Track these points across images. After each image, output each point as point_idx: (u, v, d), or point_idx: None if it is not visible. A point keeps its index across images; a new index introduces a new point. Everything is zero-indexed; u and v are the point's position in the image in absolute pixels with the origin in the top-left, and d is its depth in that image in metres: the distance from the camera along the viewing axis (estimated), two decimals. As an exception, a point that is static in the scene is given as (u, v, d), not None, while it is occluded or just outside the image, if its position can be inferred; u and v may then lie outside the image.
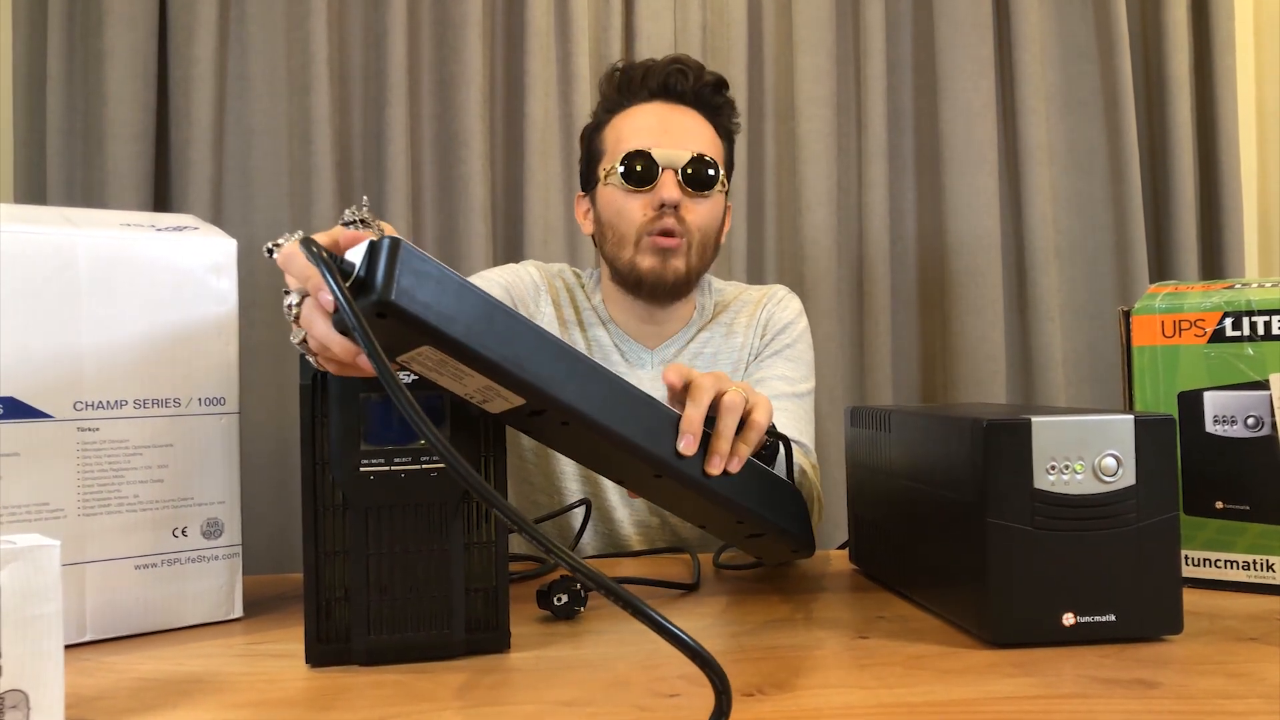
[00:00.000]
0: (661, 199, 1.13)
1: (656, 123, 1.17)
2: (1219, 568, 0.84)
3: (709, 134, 1.20)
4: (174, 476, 0.78)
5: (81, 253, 0.75)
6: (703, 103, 1.20)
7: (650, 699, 0.58)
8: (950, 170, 1.92)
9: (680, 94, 1.18)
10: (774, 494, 0.78)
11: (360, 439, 0.67)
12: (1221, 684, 0.58)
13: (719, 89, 1.21)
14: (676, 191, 1.14)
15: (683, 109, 1.18)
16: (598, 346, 1.25)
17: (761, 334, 1.27)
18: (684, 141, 1.16)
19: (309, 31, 1.76)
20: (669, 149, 1.15)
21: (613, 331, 1.26)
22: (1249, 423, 0.82)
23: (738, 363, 1.26)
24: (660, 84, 1.18)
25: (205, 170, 1.74)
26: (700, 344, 1.26)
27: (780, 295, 1.32)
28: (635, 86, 1.20)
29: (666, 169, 1.14)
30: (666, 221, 1.14)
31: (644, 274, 1.17)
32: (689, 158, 1.15)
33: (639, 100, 1.19)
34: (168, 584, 0.78)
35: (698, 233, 1.17)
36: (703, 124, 1.19)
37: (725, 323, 1.28)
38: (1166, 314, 0.86)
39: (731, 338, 1.27)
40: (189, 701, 0.60)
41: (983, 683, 0.59)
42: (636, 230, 1.16)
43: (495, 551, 0.69)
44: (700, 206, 1.17)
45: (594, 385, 0.64)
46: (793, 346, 1.27)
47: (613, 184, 1.17)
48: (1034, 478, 0.66)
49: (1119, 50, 1.93)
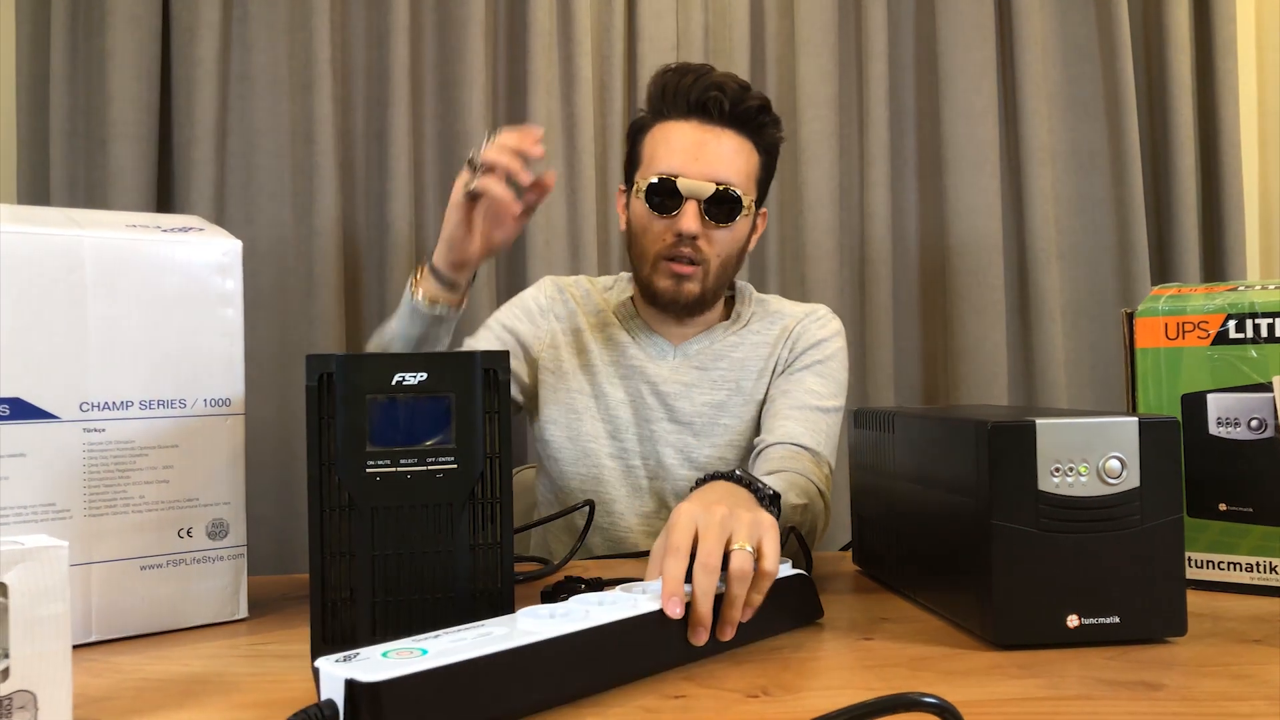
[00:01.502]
0: (680, 229, 1.15)
1: (689, 145, 1.16)
2: (1222, 569, 0.84)
3: (743, 156, 1.18)
4: (179, 477, 0.78)
5: (87, 254, 0.75)
6: (742, 124, 1.18)
7: (657, 700, 0.58)
8: (952, 171, 1.92)
9: (716, 116, 1.17)
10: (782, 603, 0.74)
11: (366, 440, 0.67)
12: (1225, 686, 0.58)
13: (761, 111, 1.19)
14: (696, 224, 1.15)
15: (719, 130, 1.17)
16: (613, 346, 1.27)
17: (792, 347, 1.27)
18: (712, 169, 1.15)
19: (311, 32, 1.76)
20: (694, 179, 1.15)
21: (636, 327, 1.28)
22: (1252, 425, 0.83)
23: (762, 371, 1.26)
24: (697, 102, 1.17)
25: (208, 170, 1.74)
26: (727, 346, 1.27)
27: (821, 314, 1.31)
28: (675, 99, 1.18)
29: (690, 199, 1.15)
30: (684, 250, 1.16)
31: (659, 293, 1.20)
32: (713, 191, 1.15)
33: (678, 113, 1.18)
34: (173, 584, 0.78)
35: (716, 259, 1.19)
36: (738, 145, 1.18)
37: (758, 331, 1.28)
38: (1170, 316, 0.86)
39: (760, 347, 1.27)
40: (195, 702, 0.60)
41: (987, 684, 0.60)
42: (656, 252, 1.18)
43: (501, 552, 0.69)
44: (721, 234, 1.18)
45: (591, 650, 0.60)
46: (824, 363, 1.26)
47: (640, 200, 1.18)
48: (1038, 479, 0.66)
49: (1121, 52, 1.93)
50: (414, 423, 0.68)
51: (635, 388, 1.25)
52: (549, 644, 0.57)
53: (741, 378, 1.25)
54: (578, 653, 0.59)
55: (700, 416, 1.23)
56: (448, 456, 0.68)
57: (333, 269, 1.76)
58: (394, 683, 0.50)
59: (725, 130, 1.17)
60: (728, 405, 1.24)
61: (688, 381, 1.24)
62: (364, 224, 1.84)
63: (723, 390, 1.24)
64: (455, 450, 0.68)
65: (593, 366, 1.26)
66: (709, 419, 1.23)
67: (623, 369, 1.26)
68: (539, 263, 1.82)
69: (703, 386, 1.24)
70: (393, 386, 0.67)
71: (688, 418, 1.23)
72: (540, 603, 0.79)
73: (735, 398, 1.24)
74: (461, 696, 0.53)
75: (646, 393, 1.24)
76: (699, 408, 1.23)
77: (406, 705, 0.50)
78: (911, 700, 0.49)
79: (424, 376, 0.68)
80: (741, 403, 1.24)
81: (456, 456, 0.68)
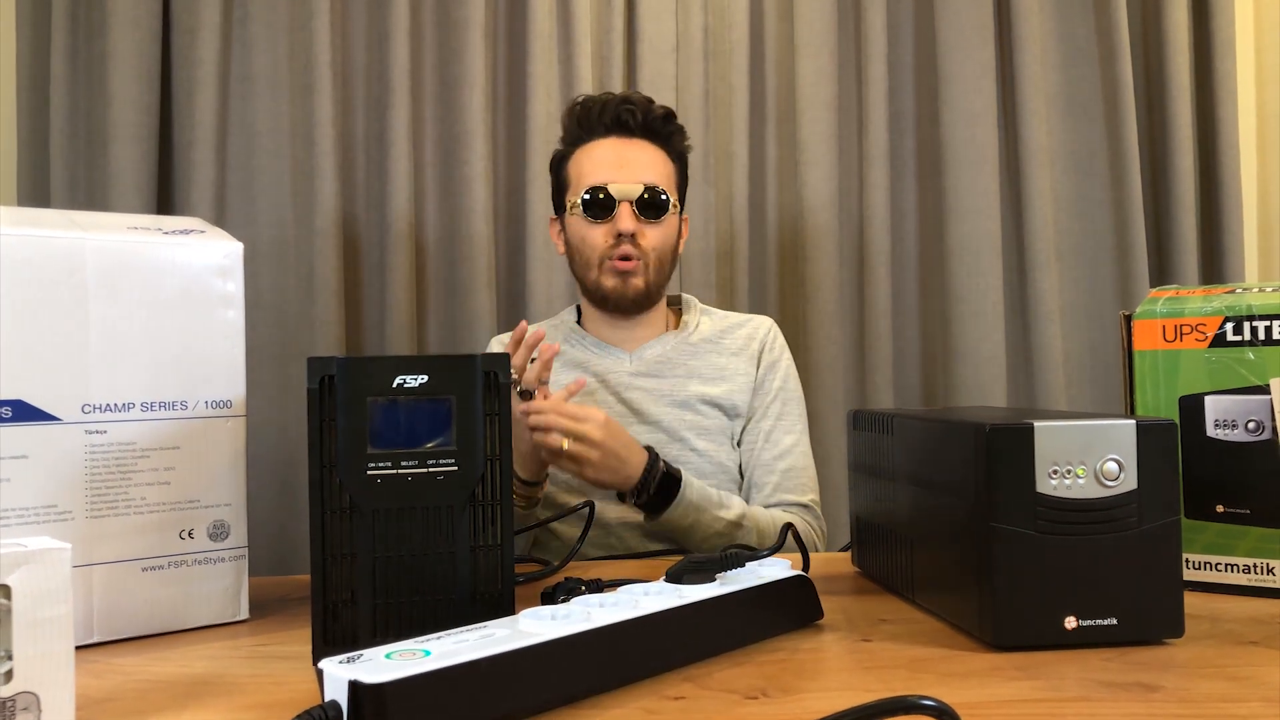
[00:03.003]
0: (619, 230, 1.27)
1: (613, 157, 1.30)
2: (1220, 571, 0.84)
3: (661, 161, 1.33)
4: (181, 479, 0.78)
5: (89, 256, 0.75)
6: (653, 133, 1.33)
7: (656, 702, 0.58)
8: (951, 173, 1.93)
9: (632, 128, 1.31)
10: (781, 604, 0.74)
11: (367, 442, 0.67)
12: (1223, 687, 0.59)
13: (668, 120, 1.34)
14: (632, 222, 1.28)
15: (636, 142, 1.32)
16: (571, 367, 1.34)
17: (758, 363, 1.37)
18: (637, 174, 1.29)
19: (312, 33, 1.76)
20: (624, 183, 1.28)
21: (588, 343, 1.36)
22: (1250, 427, 0.83)
23: (743, 387, 1.34)
24: (613, 119, 1.31)
25: (208, 172, 1.74)
26: (681, 355, 1.35)
27: (777, 331, 1.42)
28: (592, 122, 1.33)
29: (623, 201, 1.28)
30: (624, 248, 1.28)
31: (608, 292, 1.31)
32: (641, 190, 1.28)
33: (596, 135, 1.33)
34: (174, 586, 0.78)
35: (653, 253, 1.31)
36: (655, 153, 1.33)
37: (711, 339, 1.37)
38: (1168, 319, 0.87)
39: (719, 357, 1.35)
40: (197, 703, 0.60)
41: (985, 686, 0.60)
42: (599, 255, 1.30)
43: (501, 554, 0.69)
44: (654, 230, 1.31)
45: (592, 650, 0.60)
46: (789, 399, 1.37)
47: (577, 215, 1.31)
48: (1036, 482, 0.66)
49: (1119, 53, 1.93)
50: (415, 425, 0.68)
51: (600, 400, 1.31)
52: (551, 645, 0.58)
53: (705, 379, 1.33)
54: (579, 654, 0.59)
55: (666, 416, 1.30)
56: (448, 459, 0.68)
57: (333, 270, 1.76)
58: (398, 684, 0.51)
59: (641, 141, 1.32)
60: (690, 403, 1.31)
61: (649, 387, 1.32)
62: (364, 225, 1.85)
63: (685, 390, 1.31)
64: (456, 452, 0.68)
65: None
66: (674, 417, 1.30)
67: (583, 388, 1.30)
68: (538, 263, 1.83)
69: (663, 389, 1.31)
70: (394, 389, 0.68)
71: (654, 418, 1.30)
72: (541, 604, 0.79)
73: (699, 396, 1.32)
74: (465, 697, 0.53)
75: (612, 402, 1.31)
76: (664, 409, 1.30)
77: (410, 706, 0.51)
78: (910, 703, 0.49)
79: (425, 379, 0.68)
80: (704, 400, 1.32)
81: (457, 459, 0.68)
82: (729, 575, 0.72)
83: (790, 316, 1.90)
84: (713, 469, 1.29)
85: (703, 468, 1.28)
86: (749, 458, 1.33)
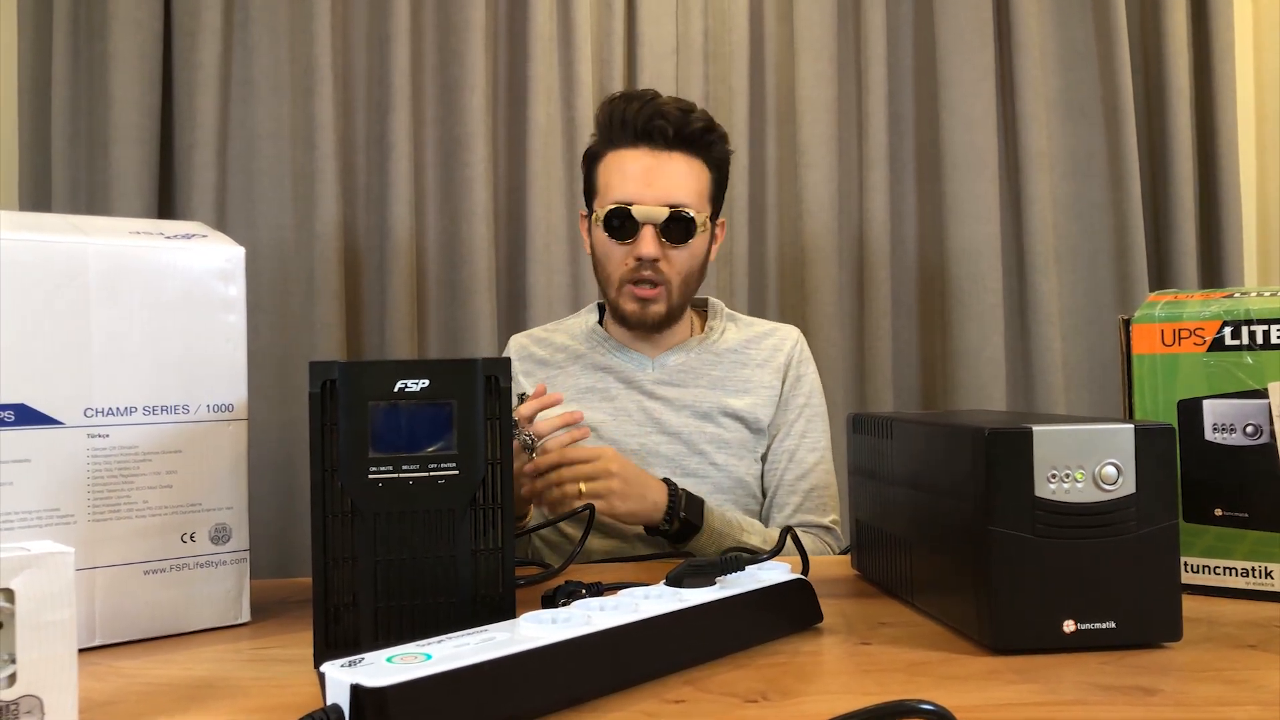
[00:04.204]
0: (639, 255, 1.20)
1: (640, 172, 1.21)
2: (1218, 574, 0.84)
3: (695, 174, 1.23)
4: (183, 482, 0.79)
5: (91, 260, 0.75)
6: (689, 144, 1.22)
7: (657, 705, 0.58)
8: (951, 176, 1.93)
9: (663, 141, 1.21)
10: (781, 607, 0.74)
11: (369, 446, 0.67)
12: (1220, 691, 0.59)
13: (706, 132, 1.23)
14: (654, 248, 1.20)
15: (667, 154, 1.21)
16: (591, 372, 1.30)
17: (783, 377, 1.33)
18: (664, 194, 1.20)
19: (313, 36, 1.77)
20: (648, 205, 1.20)
21: (610, 346, 1.32)
22: (1248, 431, 0.83)
23: (767, 401, 1.31)
24: (644, 130, 1.21)
25: (209, 174, 1.75)
26: (705, 364, 1.31)
27: (804, 343, 1.37)
28: (623, 127, 1.22)
29: (646, 224, 1.20)
30: (645, 274, 1.21)
31: (627, 315, 1.25)
32: (667, 214, 1.19)
33: (626, 141, 1.22)
34: (176, 589, 0.78)
35: (677, 278, 1.24)
36: (689, 165, 1.22)
37: (736, 349, 1.33)
38: (1166, 323, 0.87)
39: (744, 369, 1.31)
40: (199, 706, 0.60)
41: (984, 689, 0.60)
42: (619, 277, 1.24)
43: (502, 557, 0.69)
44: (679, 254, 1.23)
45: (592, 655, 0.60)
46: (815, 416, 1.34)
47: (600, 228, 1.23)
48: (1035, 486, 0.67)
49: (1119, 57, 1.94)
50: (416, 429, 0.68)
51: (621, 406, 1.28)
52: (552, 649, 0.58)
53: (729, 391, 1.29)
54: (580, 657, 0.59)
55: (687, 427, 1.26)
56: (449, 463, 0.68)
57: (334, 273, 1.77)
58: (400, 688, 0.51)
59: (674, 153, 1.21)
60: (712, 415, 1.27)
61: (670, 396, 1.28)
62: (365, 228, 1.85)
63: (707, 401, 1.28)
64: (457, 456, 0.69)
65: (578, 400, 1.29)
66: (695, 429, 1.26)
67: (603, 392, 1.28)
68: (538, 266, 1.83)
69: (685, 399, 1.28)
70: (395, 393, 0.68)
71: (674, 428, 1.26)
72: (541, 607, 0.80)
73: (721, 408, 1.28)
74: (466, 701, 0.53)
75: (633, 409, 1.28)
76: (685, 419, 1.26)
77: (412, 710, 0.51)
78: (909, 707, 0.49)
79: (426, 383, 0.68)
80: (726, 412, 1.28)
81: (458, 463, 0.69)
82: (729, 579, 0.72)
83: (790, 318, 1.90)
84: (731, 483, 1.26)
85: (721, 482, 1.26)
86: (772, 477, 1.29)
